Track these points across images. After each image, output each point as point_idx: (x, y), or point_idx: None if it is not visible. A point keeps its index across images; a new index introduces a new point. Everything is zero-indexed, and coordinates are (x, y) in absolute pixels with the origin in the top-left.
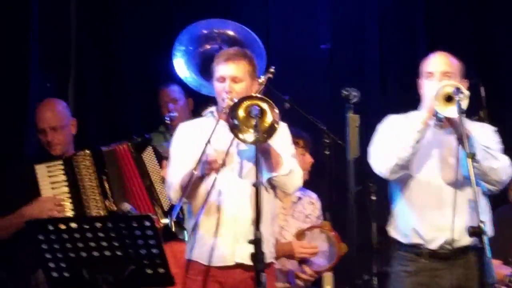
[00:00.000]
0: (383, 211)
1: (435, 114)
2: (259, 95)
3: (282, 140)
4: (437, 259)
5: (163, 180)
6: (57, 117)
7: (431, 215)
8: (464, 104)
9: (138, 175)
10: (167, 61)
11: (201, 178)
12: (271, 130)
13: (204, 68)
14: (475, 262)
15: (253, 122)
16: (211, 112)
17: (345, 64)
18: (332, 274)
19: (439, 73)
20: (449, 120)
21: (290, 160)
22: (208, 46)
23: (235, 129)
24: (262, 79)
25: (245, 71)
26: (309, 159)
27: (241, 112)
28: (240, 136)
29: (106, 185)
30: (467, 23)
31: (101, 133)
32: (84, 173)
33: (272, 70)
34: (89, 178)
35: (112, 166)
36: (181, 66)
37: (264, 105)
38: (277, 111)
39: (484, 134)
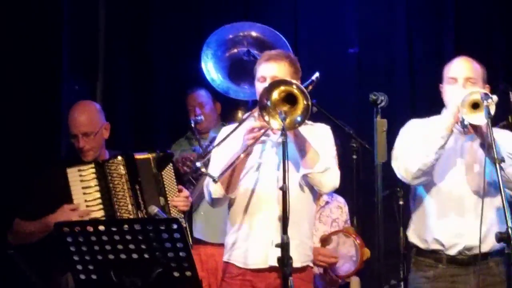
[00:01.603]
0: (408, 215)
1: (461, 121)
2: (297, 83)
3: (323, 140)
4: (457, 265)
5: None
6: (90, 123)
7: (452, 221)
8: (492, 109)
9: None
10: (196, 65)
11: (238, 165)
12: (300, 120)
13: (232, 71)
14: (495, 269)
15: (285, 107)
16: (254, 115)
17: (373, 68)
18: (359, 279)
19: (463, 79)
20: (474, 127)
21: (329, 159)
22: (235, 50)
23: (264, 111)
24: (308, 86)
25: (286, 71)
26: None
27: (275, 95)
28: (267, 118)
29: (139, 194)
30: (497, 25)
31: (128, 138)
32: (116, 180)
33: (317, 75)
34: (122, 185)
35: (145, 174)
36: (209, 70)
37: (299, 94)
38: (310, 103)
39: (506, 141)
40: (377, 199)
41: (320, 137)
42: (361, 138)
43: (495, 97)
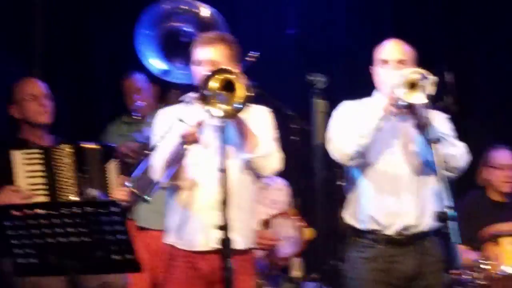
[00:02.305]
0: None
1: (397, 102)
2: (234, 69)
3: (263, 123)
4: (394, 245)
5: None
6: (46, 88)
7: (388, 201)
8: (430, 90)
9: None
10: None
11: (179, 154)
12: (242, 105)
13: (168, 51)
14: (432, 248)
15: (225, 95)
16: (192, 97)
17: (312, 49)
18: (301, 259)
19: (394, 61)
20: (409, 107)
21: (269, 142)
22: (172, 24)
23: (205, 101)
24: (243, 63)
25: (223, 55)
26: None
27: (213, 84)
28: (210, 108)
29: (83, 183)
30: (436, 8)
31: (67, 123)
32: (62, 167)
33: (253, 54)
34: (67, 173)
35: (91, 164)
36: (144, 51)
37: (238, 80)
38: (250, 88)
39: (439, 122)
40: (316, 180)
41: (259, 119)
42: (301, 120)
43: (433, 78)
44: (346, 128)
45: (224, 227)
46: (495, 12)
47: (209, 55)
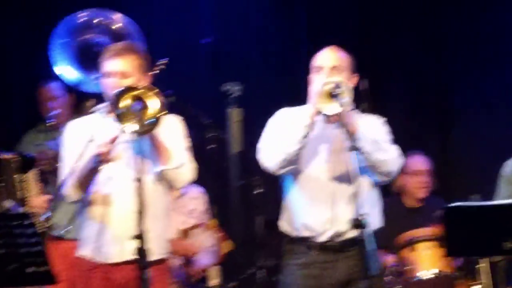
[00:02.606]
0: (268, 204)
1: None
2: (144, 85)
3: (174, 133)
4: (328, 251)
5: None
6: None
7: (320, 208)
8: (347, 98)
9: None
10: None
11: (93, 171)
12: (156, 120)
13: (82, 61)
14: (364, 254)
15: (138, 112)
16: (102, 108)
17: (228, 58)
18: (219, 268)
19: (328, 68)
20: (336, 115)
21: (182, 153)
22: (88, 36)
23: (119, 119)
24: (153, 72)
25: (133, 66)
26: None
27: (125, 102)
28: (124, 126)
29: None
30: (351, 15)
31: None
32: None
33: (163, 61)
34: None
35: (6, 175)
36: (58, 61)
37: (150, 96)
38: (162, 101)
39: (373, 127)
40: (233, 189)
41: (171, 129)
42: (217, 129)
43: (346, 86)
44: (276, 137)
45: (140, 237)
46: (407, 18)
47: (118, 67)
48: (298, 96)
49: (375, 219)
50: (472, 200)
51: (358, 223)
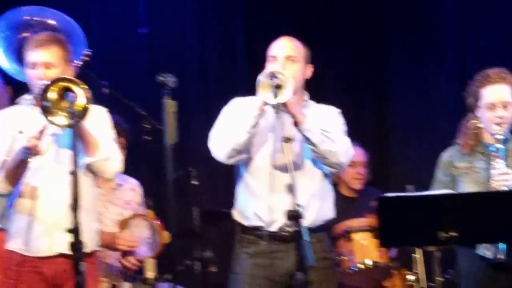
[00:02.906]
0: (204, 196)
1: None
2: (71, 77)
3: (101, 124)
4: (278, 241)
5: None
6: None
7: (270, 198)
8: (286, 88)
9: None
10: None
11: (22, 164)
12: (84, 113)
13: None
14: (315, 245)
15: (65, 104)
16: (27, 100)
17: (164, 49)
18: (155, 260)
19: (282, 58)
20: (284, 105)
21: (109, 144)
22: (27, 34)
23: (46, 112)
24: (78, 62)
25: (57, 56)
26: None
27: (52, 95)
28: (52, 119)
29: None
30: (289, 5)
31: None
32: None
33: (87, 52)
34: None
35: None
36: None
37: (76, 88)
38: (89, 93)
39: (326, 117)
40: (168, 180)
41: (98, 121)
42: (153, 120)
43: (285, 76)
44: (226, 126)
45: (74, 231)
46: (343, 5)
47: (42, 57)
48: (234, 87)
49: (327, 210)
50: (407, 191)
51: (294, 214)
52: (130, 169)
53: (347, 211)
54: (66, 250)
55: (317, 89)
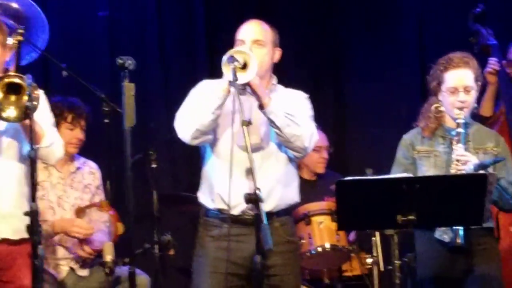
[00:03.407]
0: (163, 179)
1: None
2: (13, 73)
3: (41, 110)
4: (241, 224)
5: None
6: None
7: (235, 181)
8: (250, 68)
9: None
10: None
11: None
12: (32, 104)
13: None
14: (280, 229)
15: (12, 99)
16: None
17: (124, 32)
18: (113, 243)
19: (250, 41)
20: (251, 87)
21: (51, 130)
22: None
23: None
24: (11, 41)
25: None
26: (78, 134)
27: None
28: (4, 115)
29: None
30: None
31: None
32: None
33: (20, 30)
34: None
35: None
36: None
37: (21, 81)
38: (32, 82)
39: (294, 101)
40: (126, 163)
41: (40, 107)
42: (113, 103)
43: (242, 60)
44: (191, 108)
45: (31, 214)
46: None
47: None
48: (194, 70)
49: (291, 195)
50: (366, 174)
51: (252, 198)
52: (89, 152)
53: (307, 195)
54: (10, 235)
55: (276, 73)
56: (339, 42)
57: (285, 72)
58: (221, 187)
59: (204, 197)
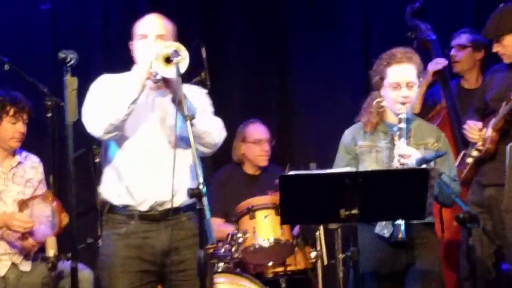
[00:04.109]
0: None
1: (154, 76)
2: None
3: None
4: (148, 220)
5: None
6: None
7: (143, 176)
8: (183, 66)
9: None
10: None
11: None
12: None
13: None
14: (187, 223)
15: None
16: None
17: (68, 26)
18: (55, 238)
19: (153, 36)
20: (166, 82)
21: None
22: None
23: None
24: None
25: None
26: (21, 128)
27: None
28: None
29: None
30: None
31: None
32: None
33: None
34: None
35: None
36: None
37: None
38: None
39: (197, 97)
40: (69, 158)
41: None
42: (57, 96)
43: (184, 54)
44: (102, 101)
45: None
46: None
47: None
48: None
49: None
50: (310, 168)
51: (196, 192)
52: (32, 146)
53: (251, 189)
54: None
55: (221, 67)
56: (284, 37)
57: (230, 67)
58: (128, 182)
59: (108, 193)
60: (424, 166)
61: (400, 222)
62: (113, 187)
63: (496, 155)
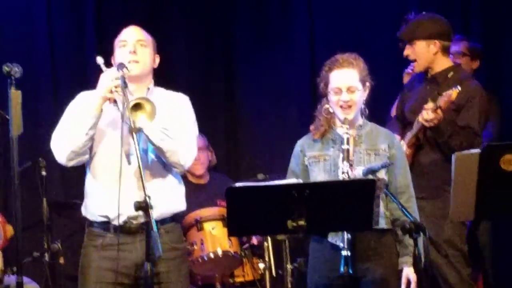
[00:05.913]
0: (53, 187)
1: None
2: None
3: None
4: (124, 233)
5: None
6: None
7: (114, 192)
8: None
9: None
10: None
11: None
12: None
13: None
14: (165, 236)
15: None
16: None
17: (11, 38)
18: (0, 251)
19: (134, 41)
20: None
21: None
22: None
23: None
24: None
25: None
26: None
27: None
28: None
29: None
30: None
31: None
32: None
33: None
34: None
35: None
36: None
37: None
38: None
39: (174, 105)
40: (13, 173)
41: None
42: (2, 110)
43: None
44: (64, 128)
45: None
46: None
47: None
48: (84, 77)
49: (175, 203)
50: (258, 179)
51: (142, 205)
52: None
53: (198, 198)
54: None
55: (168, 77)
56: (230, 44)
57: (176, 75)
58: (100, 200)
59: (86, 209)
60: (370, 176)
61: (344, 254)
62: (88, 205)
63: (412, 169)
